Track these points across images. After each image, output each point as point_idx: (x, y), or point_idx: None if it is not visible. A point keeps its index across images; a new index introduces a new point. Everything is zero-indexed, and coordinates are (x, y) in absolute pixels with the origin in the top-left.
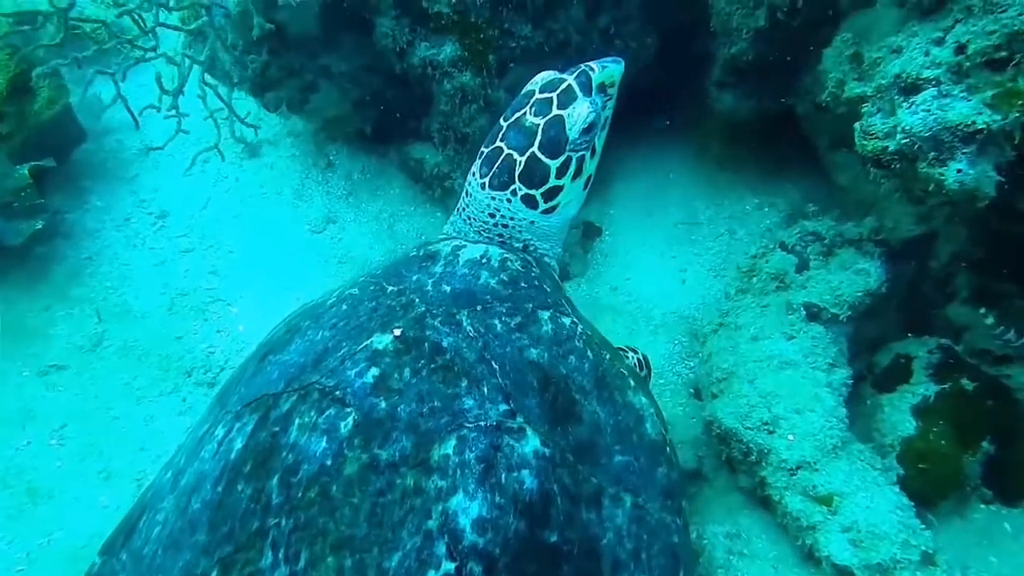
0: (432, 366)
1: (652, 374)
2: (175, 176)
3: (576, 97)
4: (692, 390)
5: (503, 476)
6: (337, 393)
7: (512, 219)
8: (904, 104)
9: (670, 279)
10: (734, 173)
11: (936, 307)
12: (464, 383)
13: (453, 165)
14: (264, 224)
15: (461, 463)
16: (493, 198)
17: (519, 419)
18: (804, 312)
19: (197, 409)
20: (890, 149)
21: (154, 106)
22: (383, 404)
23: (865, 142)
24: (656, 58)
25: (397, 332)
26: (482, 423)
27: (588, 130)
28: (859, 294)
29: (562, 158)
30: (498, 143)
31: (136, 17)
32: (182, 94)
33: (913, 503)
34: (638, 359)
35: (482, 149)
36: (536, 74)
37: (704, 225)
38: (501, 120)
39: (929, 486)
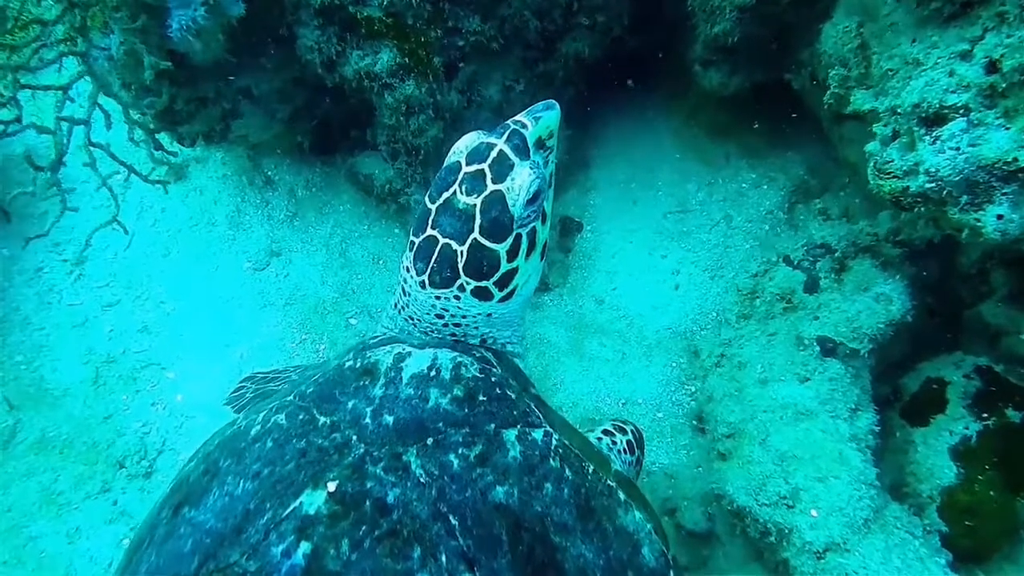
0: (376, 533)
1: (650, 410)
2: (91, 210)
3: (512, 164)
4: (695, 421)
5: None
6: None
7: (465, 317)
8: (927, 138)
9: (662, 286)
10: (727, 144)
11: (968, 307)
12: (417, 552)
13: (406, 180)
14: (198, 264)
15: None
16: (438, 298)
17: None
18: (818, 348)
19: (131, 513)
20: (911, 190)
21: (27, 192)
22: None
23: (881, 181)
24: (629, 28)
25: (331, 487)
26: None
27: (534, 199)
28: (881, 325)
29: (510, 239)
30: (430, 231)
31: None
32: (63, 165)
33: (962, 563)
34: (628, 441)
35: (411, 239)
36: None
37: (697, 212)
38: (427, 201)
39: (978, 544)
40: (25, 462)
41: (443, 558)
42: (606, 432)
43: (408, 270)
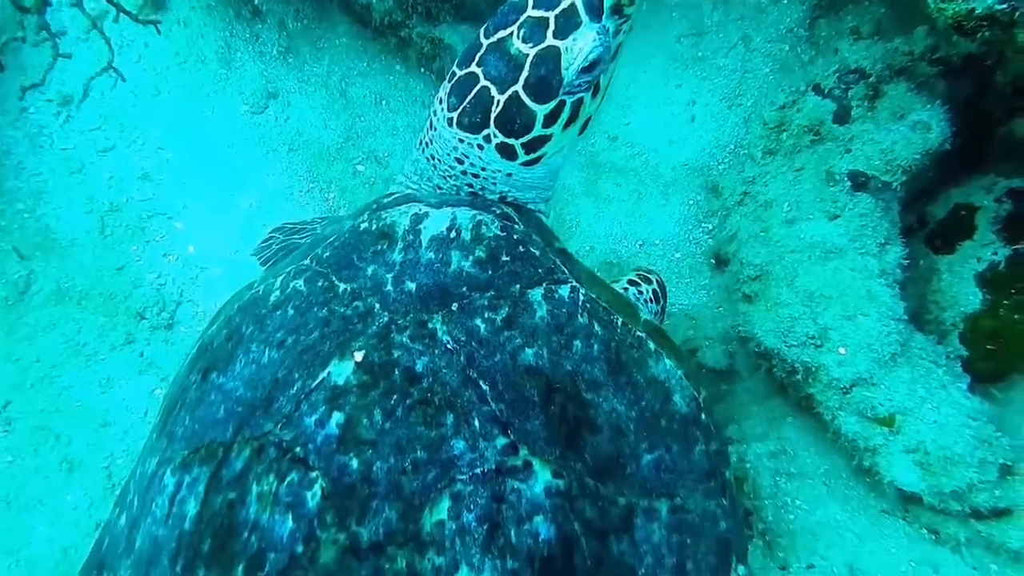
0: (408, 402)
1: (667, 248)
2: (69, 46)
3: (580, 23)
4: (713, 260)
5: (513, 533)
6: (297, 451)
7: (484, 169)
8: None
9: (677, 118)
10: None
11: (999, 125)
12: (450, 419)
13: (407, 10)
14: (192, 105)
15: (460, 529)
16: (461, 140)
17: (523, 452)
18: (849, 183)
19: (159, 364)
20: (977, 12)
21: (17, 37)
22: (355, 463)
23: (943, 4)
24: None
25: (359, 357)
26: (478, 470)
27: (591, 68)
28: (917, 156)
29: (552, 103)
30: (473, 67)
31: None
32: (49, 5)
33: (978, 384)
34: (654, 290)
35: (453, 69)
36: None
37: (712, 33)
38: (480, 34)
39: (998, 365)
40: (45, 313)
41: (476, 423)
42: (631, 282)
43: (441, 102)
